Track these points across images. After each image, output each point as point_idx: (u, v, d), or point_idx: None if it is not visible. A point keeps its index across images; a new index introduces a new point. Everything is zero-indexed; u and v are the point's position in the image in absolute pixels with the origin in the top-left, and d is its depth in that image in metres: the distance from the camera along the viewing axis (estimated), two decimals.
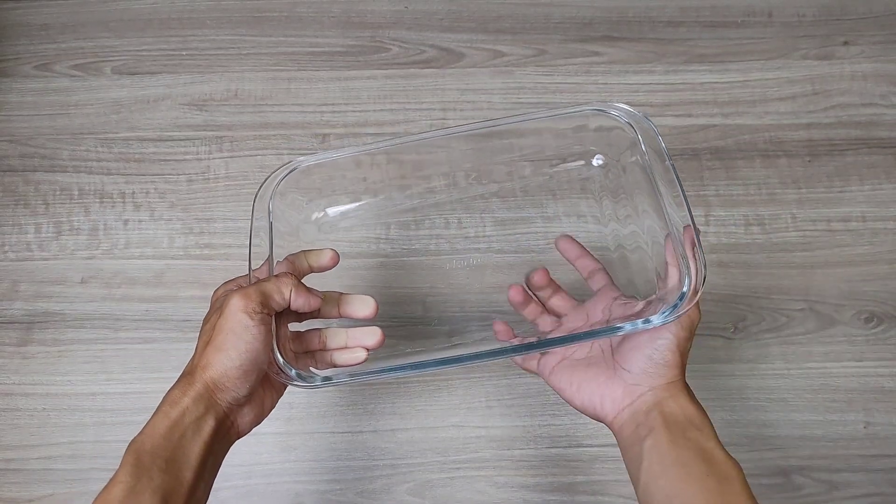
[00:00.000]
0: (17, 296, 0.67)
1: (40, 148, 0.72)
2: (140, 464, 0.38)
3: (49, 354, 0.65)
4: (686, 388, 0.43)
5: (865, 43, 0.76)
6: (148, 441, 0.39)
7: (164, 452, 0.38)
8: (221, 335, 0.40)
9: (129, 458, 0.38)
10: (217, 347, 0.40)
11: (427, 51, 0.76)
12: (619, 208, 0.58)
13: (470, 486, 0.62)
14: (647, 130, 0.48)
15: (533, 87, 0.74)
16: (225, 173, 0.71)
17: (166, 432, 0.39)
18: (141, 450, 0.38)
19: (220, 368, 0.40)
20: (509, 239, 0.69)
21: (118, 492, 0.37)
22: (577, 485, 0.62)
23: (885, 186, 0.70)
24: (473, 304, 0.67)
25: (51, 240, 0.69)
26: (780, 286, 0.67)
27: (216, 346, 0.40)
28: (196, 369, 0.41)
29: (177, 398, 0.40)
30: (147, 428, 0.40)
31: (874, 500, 0.62)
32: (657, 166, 0.47)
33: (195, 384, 0.40)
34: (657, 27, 0.77)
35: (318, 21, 0.77)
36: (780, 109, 0.73)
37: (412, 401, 0.64)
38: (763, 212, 0.70)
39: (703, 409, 0.42)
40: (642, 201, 0.53)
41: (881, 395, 0.64)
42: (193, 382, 0.40)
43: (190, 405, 0.40)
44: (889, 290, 0.67)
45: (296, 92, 0.74)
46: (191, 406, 0.40)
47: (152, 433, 0.39)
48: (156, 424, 0.39)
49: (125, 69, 0.75)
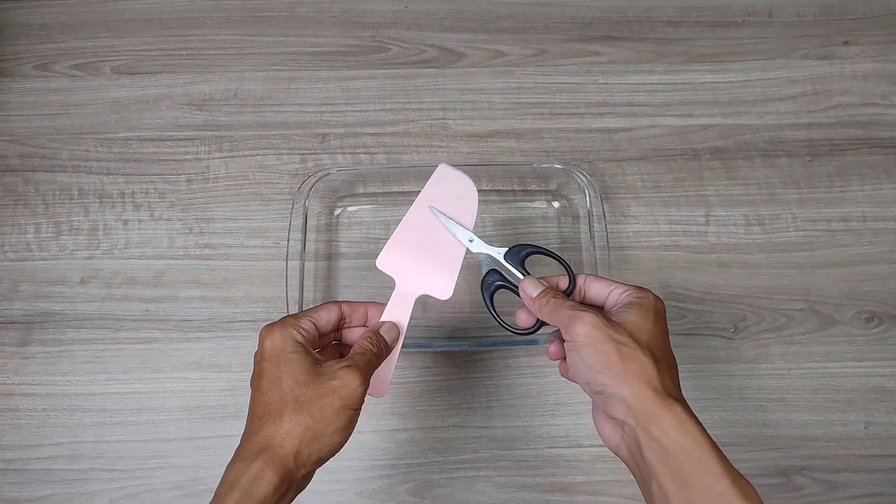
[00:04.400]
0: (17, 296, 0.67)
1: (40, 148, 0.72)
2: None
3: (49, 354, 0.65)
4: (668, 407, 0.38)
5: (866, 43, 0.76)
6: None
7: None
8: (323, 425, 0.41)
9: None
10: (318, 434, 0.40)
11: (427, 51, 0.76)
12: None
13: (470, 486, 0.62)
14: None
15: (533, 86, 0.74)
16: (225, 173, 0.71)
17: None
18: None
19: (321, 454, 0.41)
20: (510, 239, 0.69)
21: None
22: (576, 485, 0.62)
23: (885, 186, 0.70)
24: (473, 304, 0.67)
25: (51, 240, 0.69)
26: (780, 286, 0.67)
27: (316, 433, 0.40)
28: (281, 449, 0.40)
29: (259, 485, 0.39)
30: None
31: (874, 500, 0.62)
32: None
33: (279, 464, 0.39)
34: (657, 27, 0.77)
35: (318, 21, 0.77)
36: (780, 109, 0.73)
37: (412, 401, 0.64)
38: (763, 212, 0.70)
39: (692, 426, 0.38)
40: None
41: (881, 394, 0.64)
42: (277, 462, 0.39)
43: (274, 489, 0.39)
44: (889, 290, 0.67)
45: (296, 92, 0.74)
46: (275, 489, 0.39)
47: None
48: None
49: (125, 69, 0.75)
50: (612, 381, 0.39)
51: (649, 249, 0.68)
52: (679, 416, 0.38)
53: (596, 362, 0.40)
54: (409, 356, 0.65)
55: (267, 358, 0.43)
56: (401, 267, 0.51)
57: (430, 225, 0.51)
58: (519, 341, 0.63)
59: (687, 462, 0.37)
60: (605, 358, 0.40)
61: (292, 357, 0.42)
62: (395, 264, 0.51)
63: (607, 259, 0.62)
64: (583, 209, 0.66)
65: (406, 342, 0.50)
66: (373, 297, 0.64)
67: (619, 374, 0.39)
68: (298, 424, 0.40)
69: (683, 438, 0.37)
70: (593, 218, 0.63)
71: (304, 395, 0.41)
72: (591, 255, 0.63)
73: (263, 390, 0.42)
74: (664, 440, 0.37)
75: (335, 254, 0.68)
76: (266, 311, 0.66)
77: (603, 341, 0.40)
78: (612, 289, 0.45)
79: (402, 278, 0.50)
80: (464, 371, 0.65)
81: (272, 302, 0.67)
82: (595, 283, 0.47)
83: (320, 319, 0.46)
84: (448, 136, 0.72)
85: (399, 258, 0.51)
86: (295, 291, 0.61)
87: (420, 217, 0.51)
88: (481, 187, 0.70)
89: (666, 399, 0.38)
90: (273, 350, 0.43)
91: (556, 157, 0.71)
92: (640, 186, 0.70)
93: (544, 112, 0.73)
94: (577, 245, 0.67)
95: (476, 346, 0.65)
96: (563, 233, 0.68)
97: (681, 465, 0.37)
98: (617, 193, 0.70)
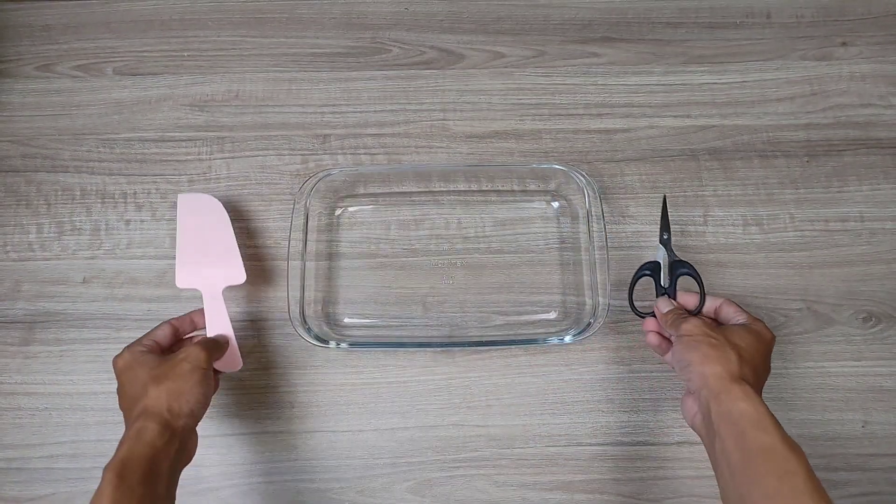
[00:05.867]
0: (20, 296, 0.68)
1: (42, 148, 0.73)
2: (122, 479, 0.45)
3: (51, 354, 0.66)
4: (740, 385, 0.47)
5: (864, 44, 0.77)
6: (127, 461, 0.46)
7: (141, 469, 0.46)
8: (182, 383, 0.51)
9: (109, 476, 0.45)
10: (180, 391, 0.51)
11: (427, 52, 0.76)
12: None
13: (470, 484, 0.63)
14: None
15: (532, 88, 0.75)
16: (226, 174, 0.72)
17: (145, 452, 0.47)
18: (122, 468, 0.46)
19: (189, 406, 0.51)
20: (509, 239, 0.69)
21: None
22: (575, 483, 0.63)
23: (882, 187, 0.71)
24: (473, 304, 0.67)
25: (53, 240, 0.70)
26: (778, 286, 0.67)
27: (179, 391, 0.51)
28: (154, 408, 0.50)
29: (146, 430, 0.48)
30: (122, 453, 0.47)
31: (872, 498, 0.62)
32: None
33: (156, 417, 0.49)
34: (656, 28, 0.77)
35: (319, 22, 0.78)
36: (778, 110, 0.74)
37: (412, 399, 0.65)
38: (761, 212, 0.70)
39: (757, 401, 0.46)
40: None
41: (879, 394, 0.64)
42: (154, 416, 0.49)
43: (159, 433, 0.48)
44: (887, 290, 0.67)
45: (297, 93, 0.75)
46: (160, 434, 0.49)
47: (130, 455, 0.46)
48: (133, 448, 0.47)
49: (127, 70, 0.76)
50: (697, 360, 0.50)
51: (648, 249, 0.68)
52: (746, 391, 0.47)
53: (689, 347, 0.51)
54: (409, 355, 0.66)
55: (123, 371, 0.53)
56: (195, 277, 0.62)
57: (198, 235, 0.63)
58: (519, 341, 0.64)
59: (744, 423, 0.45)
60: (696, 345, 0.51)
61: (142, 358, 0.53)
62: (190, 278, 0.62)
63: (606, 259, 0.62)
64: (582, 209, 0.66)
65: (406, 342, 0.52)
66: (374, 297, 0.67)
67: (704, 356, 0.50)
68: (163, 388, 0.50)
69: (746, 406, 0.46)
70: (592, 218, 0.63)
71: (159, 370, 0.52)
72: (591, 254, 0.63)
73: (127, 389, 0.52)
74: (730, 406, 0.46)
75: (336, 254, 0.68)
76: (268, 310, 0.67)
77: (699, 335, 0.52)
78: (739, 314, 0.56)
79: (202, 285, 0.61)
80: (464, 370, 0.65)
81: (273, 301, 0.67)
82: (728, 307, 0.57)
83: (157, 336, 0.56)
84: (448, 137, 0.73)
85: (190, 272, 0.62)
86: (296, 291, 0.62)
87: (186, 230, 0.64)
88: (481, 187, 0.70)
89: (738, 379, 0.48)
90: (125, 363, 0.53)
91: (555, 157, 0.72)
92: (638, 187, 0.71)
93: (543, 113, 0.74)
94: (577, 245, 0.67)
95: (476, 346, 0.65)
96: (563, 233, 0.69)
97: (740, 425, 0.45)
98: (616, 194, 0.70)
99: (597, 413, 0.64)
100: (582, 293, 0.66)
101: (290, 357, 0.66)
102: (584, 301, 0.65)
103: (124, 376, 0.53)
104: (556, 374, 0.65)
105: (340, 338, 0.64)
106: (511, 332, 0.66)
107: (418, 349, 0.66)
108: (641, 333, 0.63)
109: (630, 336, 0.66)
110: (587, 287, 0.65)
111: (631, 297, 0.61)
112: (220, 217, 0.64)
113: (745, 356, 0.50)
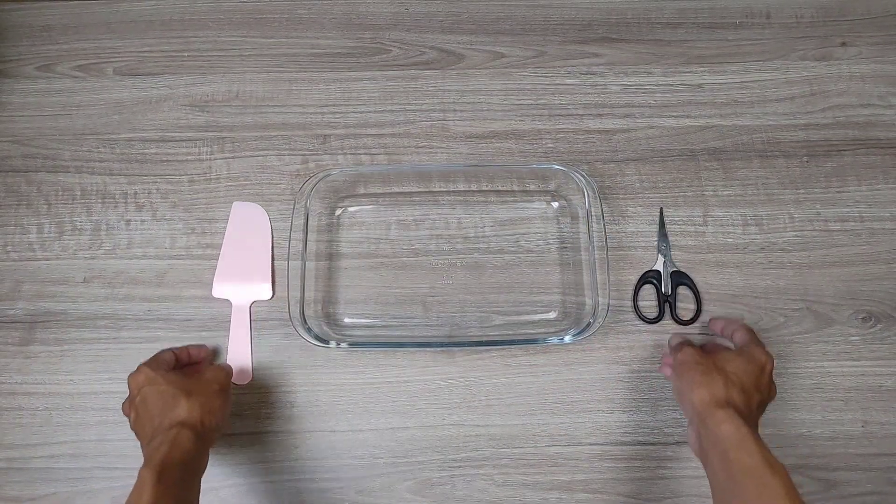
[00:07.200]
0: (20, 296, 0.68)
1: (42, 148, 0.73)
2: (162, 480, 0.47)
3: (51, 354, 0.66)
4: (723, 409, 0.49)
5: (863, 44, 0.77)
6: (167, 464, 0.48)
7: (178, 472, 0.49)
8: (212, 402, 0.55)
9: (149, 475, 0.47)
10: (211, 409, 0.54)
11: (427, 52, 0.76)
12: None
13: (470, 484, 0.63)
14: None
15: (532, 88, 0.75)
16: (227, 174, 0.72)
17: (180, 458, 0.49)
18: (162, 469, 0.47)
19: (217, 422, 0.55)
20: (509, 239, 0.69)
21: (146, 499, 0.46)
22: (575, 483, 0.63)
23: (882, 187, 0.71)
24: (473, 303, 0.67)
25: (53, 240, 0.70)
26: (777, 286, 0.67)
27: (210, 408, 0.54)
28: (191, 419, 0.52)
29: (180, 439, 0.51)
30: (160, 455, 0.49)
31: (871, 498, 0.62)
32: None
33: (193, 427, 0.52)
34: (656, 29, 0.77)
35: (319, 23, 0.78)
36: (778, 110, 0.74)
37: (412, 399, 0.65)
38: (761, 212, 0.70)
39: (739, 423, 0.48)
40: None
41: (879, 394, 0.64)
42: (190, 426, 0.52)
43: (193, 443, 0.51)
44: (886, 290, 0.67)
45: (297, 93, 0.75)
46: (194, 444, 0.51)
47: (169, 458, 0.48)
48: (171, 453, 0.49)
49: (127, 70, 0.76)
50: (687, 387, 0.53)
51: (648, 249, 0.68)
52: (729, 414, 0.49)
53: (680, 375, 0.55)
54: (409, 355, 0.66)
55: (146, 384, 0.55)
56: (230, 288, 0.67)
57: (240, 247, 0.68)
58: (519, 341, 0.64)
59: (727, 445, 0.48)
60: (688, 373, 0.54)
61: (165, 374, 0.56)
62: (224, 288, 0.67)
63: (606, 259, 0.62)
64: (582, 209, 0.66)
65: (406, 342, 0.56)
66: (374, 297, 0.68)
67: (692, 382, 0.53)
68: (196, 402, 0.53)
69: (728, 428, 0.48)
70: (592, 218, 0.64)
71: (190, 386, 0.55)
72: (590, 255, 0.63)
73: (152, 400, 0.54)
74: (715, 430, 0.49)
75: (336, 254, 0.69)
76: (268, 310, 0.67)
77: (690, 363, 0.55)
78: (744, 338, 0.58)
79: (234, 296, 0.67)
80: (464, 370, 0.65)
81: (274, 301, 0.67)
82: (739, 333, 0.59)
83: (164, 360, 0.59)
84: (448, 137, 0.73)
85: (225, 284, 0.67)
86: (296, 291, 0.62)
87: (231, 240, 0.68)
88: (481, 187, 0.70)
89: (722, 403, 0.50)
90: (148, 378, 0.55)
91: (555, 157, 0.72)
92: (638, 187, 0.71)
93: (543, 113, 0.74)
94: (577, 245, 0.68)
95: (476, 346, 0.65)
96: (563, 233, 0.69)
97: (723, 447, 0.48)
98: (615, 194, 0.70)
99: (596, 413, 0.64)
100: (582, 293, 0.66)
101: (290, 357, 0.66)
102: (584, 301, 0.65)
103: (148, 389, 0.55)
104: (556, 373, 0.65)
105: (340, 338, 0.64)
106: (511, 332, 0.66)
107: (418, 349, 0.66)
108: (641, 333, 0.63)
109: (630, 336, 0.66)
110: (587, 287, 0.65)
111: (636, 303, 0.66)
112: (264, 231, 0.69)
113: (733, 379, 0.52)
